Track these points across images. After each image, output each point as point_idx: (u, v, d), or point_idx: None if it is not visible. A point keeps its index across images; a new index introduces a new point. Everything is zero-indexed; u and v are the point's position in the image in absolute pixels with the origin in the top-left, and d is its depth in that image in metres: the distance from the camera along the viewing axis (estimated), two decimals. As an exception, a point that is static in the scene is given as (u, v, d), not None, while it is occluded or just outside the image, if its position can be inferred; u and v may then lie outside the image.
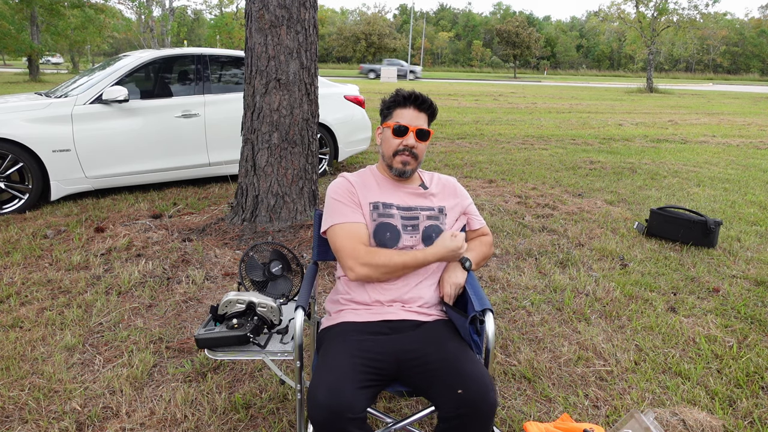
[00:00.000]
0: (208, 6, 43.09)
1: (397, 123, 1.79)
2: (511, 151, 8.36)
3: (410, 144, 1.79)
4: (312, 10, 3.87)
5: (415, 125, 1.79)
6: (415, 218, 1.82)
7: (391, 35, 58.22)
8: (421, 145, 1.82)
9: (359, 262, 1.70)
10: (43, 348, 2.52)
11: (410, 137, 1.79)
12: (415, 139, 1.79)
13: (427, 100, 1.83)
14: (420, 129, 1.79)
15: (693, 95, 26.88)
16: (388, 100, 1.85)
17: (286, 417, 2.09)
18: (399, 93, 1.83)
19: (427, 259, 1.73)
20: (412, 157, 1.81)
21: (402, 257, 1.71)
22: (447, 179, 1.99)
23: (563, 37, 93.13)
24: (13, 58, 27.73)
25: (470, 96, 21.45)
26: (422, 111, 1.82)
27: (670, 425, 2.01)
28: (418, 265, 1.74)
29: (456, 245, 1.72)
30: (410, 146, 1.79)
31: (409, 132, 1.78)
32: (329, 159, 6.16)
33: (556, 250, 3.97)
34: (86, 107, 4.74)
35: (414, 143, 1.79)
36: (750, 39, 76.24)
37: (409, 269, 1.74)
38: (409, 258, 1.72)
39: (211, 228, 4.06)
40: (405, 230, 1.80)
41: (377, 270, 1.70)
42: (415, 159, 1.82)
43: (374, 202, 1.83)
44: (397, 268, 1.72)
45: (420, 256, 1.72)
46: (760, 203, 5.41)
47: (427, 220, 1.83)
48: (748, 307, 3.11)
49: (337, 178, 1.90)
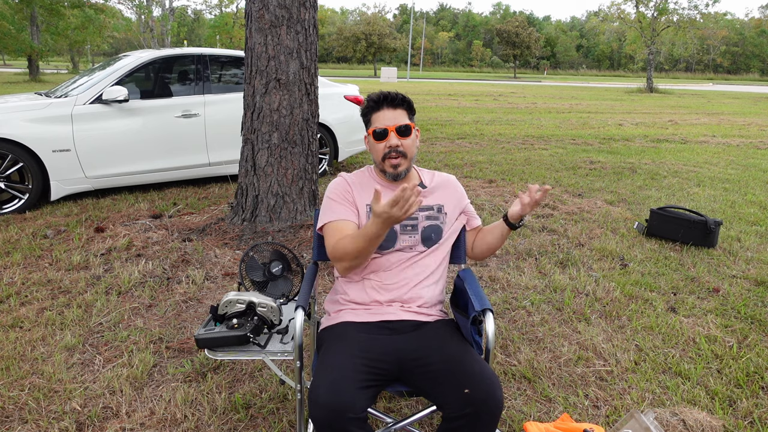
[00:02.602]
0: (208, 6, 43.10)
1: (376, 127, 1.77)
2: (511, 151, 8.36)
3: (393, 144, 1.76)
4: (312, 10, 3.87)
5: (393, 124, 1.76)
6: (413, 218, 1.82)
7: (391, 35, 58.21)
8: (406, 141, 1.77)
9: (335, 258, 1.72)
10: (43, 348, 2.52)
11: (392, 137, 1.76)
12: (397, 137, 1.76)
13: (398, 95, 1.78)
14: (399, 126, 1.75)
15: (693, 95, 26.89)
16: (362, 108, 1.83)
17: (286, 417, 2.09)
18: (370, 98, 1.80)
19: (369, 229, 1.57)
20: (401, 157, 1.77)
21: (355, 240, 1.64)
22: (446, 177, 1.97)
23: (563, 37, 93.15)
24: (13, 58, 27.73)
25: (470, 96, 21.45)
26: (397, 107, 1.78)
27: (670, 425, 2.01)
28: (369, 238, 1.59)
29: (381, 209, 1.49)
30: (394, 146, 1.76)
31: (389, 132, 1.76)
32: (329, 159, 6.16)
33: (556, 250, 3.97)
34: (86, 107, 4.74)
35: (397, 142, 1.76)
36: (750, 39, 76.27)
37: (370, 243, 1.61)
38: (360, 237, 1.61)
39: (211, 228, 4.06)
40: (404, 230, 1.80)
41: (347, 259, 1.67)
42: (405, 157, 1.78)
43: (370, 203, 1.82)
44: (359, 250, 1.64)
45: (364, 230, 1.60)
46: (760, 203, 5.41)
47: (426, 220, 1.83)
48: (748, 307, 3.11)
49: (336, 178, 1.90)
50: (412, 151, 1.80)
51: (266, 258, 1.98)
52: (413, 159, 1.83)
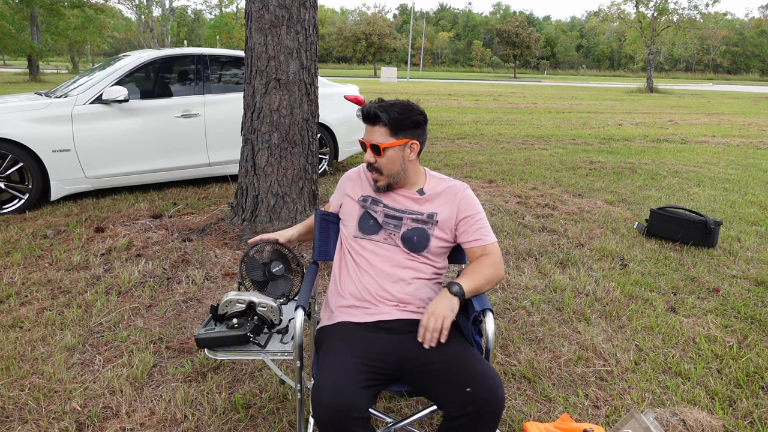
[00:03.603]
0: (208, 6, 43.11)
1: (361, 140, 1.81)
2: (511, 151, 8.36)
3: (368, 159, 1.78)
4: (312, 10, 3.87)
5: (369, 141, 1.77)
6: (399, 218, 1.81)
7: (391, 35, 58.18)
8: (381, 159, 1.76)
9: None
10: (43, 348, 2.52)
11: (368, 153, 1.78)
12: (372, 154, 1.77)
13: (376, 113, 1.72)
14: (372, 144, 1.76)
15: (693, 95, 26.89)
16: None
17: (286, 417, 2.09)
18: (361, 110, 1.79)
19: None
20: (377, 173, 1.79)
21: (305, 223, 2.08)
22: (452, 187, 1.87)
23: (563, 37, 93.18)
24: (13, 58, 27.74)
25: (470, 96, 21.45)
26: (375, 125, 1.76)
27: (670, 425, 2.01)
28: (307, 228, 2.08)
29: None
30: (368, 161, 1.79)
31: (367, 148, 1.78)
32: (329, 159, 6.16)
33: (556, 250, 3.97)
34: (86, 107, 4.74)
35: (371, 158, 1.77)
36: (750, 39, 76.30)
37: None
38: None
39: (211, 228, 4.06)
40: (386, 225, 1.81)
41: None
42: (380, 173, 1.79)
43: (365, 195, 1.88)
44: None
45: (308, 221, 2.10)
46: (760, 203, 5.41)
47: (412, 222, 1.81)
48: (748, 307, 3.11)
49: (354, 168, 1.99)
50: (389, 168, 1.78)
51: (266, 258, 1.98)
52: (396, 175, 1.80)
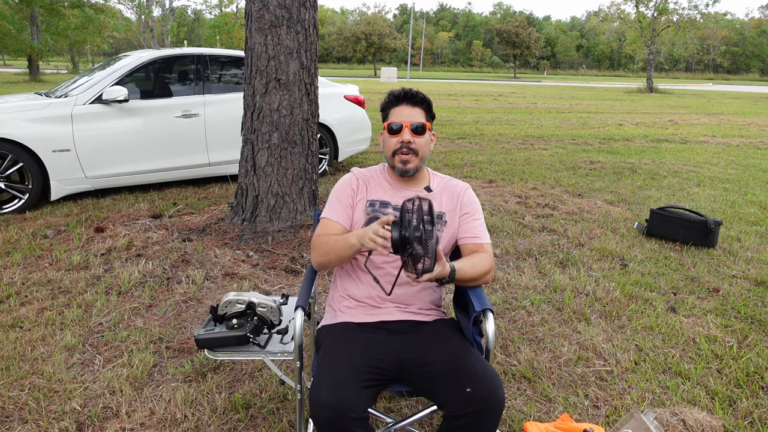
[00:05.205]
0: (208, 6, 43.12)
1: (391, 122, 1.78)
2: (511, 151, 8.36)
3: (406, 140, 1.76)
4: (312, 10, 3.87)
5: (408, 121, 1.77)
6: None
7: (391, 35, 58.18)
8: (419, 139, 1.78)
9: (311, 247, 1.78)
10: (43, 348, 2.52)
11: (405, 133, 1.76)
12: (411, 134, 1.77)
13: (418, 93, 1.80)
14: (414, 123, 1.77)
15: (693, 95, 26.88)
16: (382, 103, 1.85)
17: (286, 417, 2.09)
18: (391, 93, 1.82)
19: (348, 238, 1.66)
20: (412, 154, 1.77)
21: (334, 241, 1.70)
22: (455, 185, 1.90)
23: (563, 37, 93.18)
24: (13, 58, 27.74)
25: (470, 96, 21.45)
26: (416, 105, 1.79)
27: (670, 425, 2.01)
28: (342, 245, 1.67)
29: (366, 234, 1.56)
30: (406, 142, 1.76)
31: (404, 128, 1.76)
32: (329, 159, 6.16)
33: (556, 250, 3.97)
34: (86, 107, 4.74)
35: (410, 138, 1.76)
36: (750, 39, 76.30)
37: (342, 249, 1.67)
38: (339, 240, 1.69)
39: (211, 228, 4.06)
40: None
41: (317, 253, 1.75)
42: (416, 155, 1.78)
43: (372, 200, 1.84)
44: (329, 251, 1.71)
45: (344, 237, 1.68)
46: (760, 203, 5.41)
47: None
48: (748, 307, 3.11)
49: (348, 173, 1.92)
50: (424, 150, 1.80)
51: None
52: (424, 159, 1.83)
